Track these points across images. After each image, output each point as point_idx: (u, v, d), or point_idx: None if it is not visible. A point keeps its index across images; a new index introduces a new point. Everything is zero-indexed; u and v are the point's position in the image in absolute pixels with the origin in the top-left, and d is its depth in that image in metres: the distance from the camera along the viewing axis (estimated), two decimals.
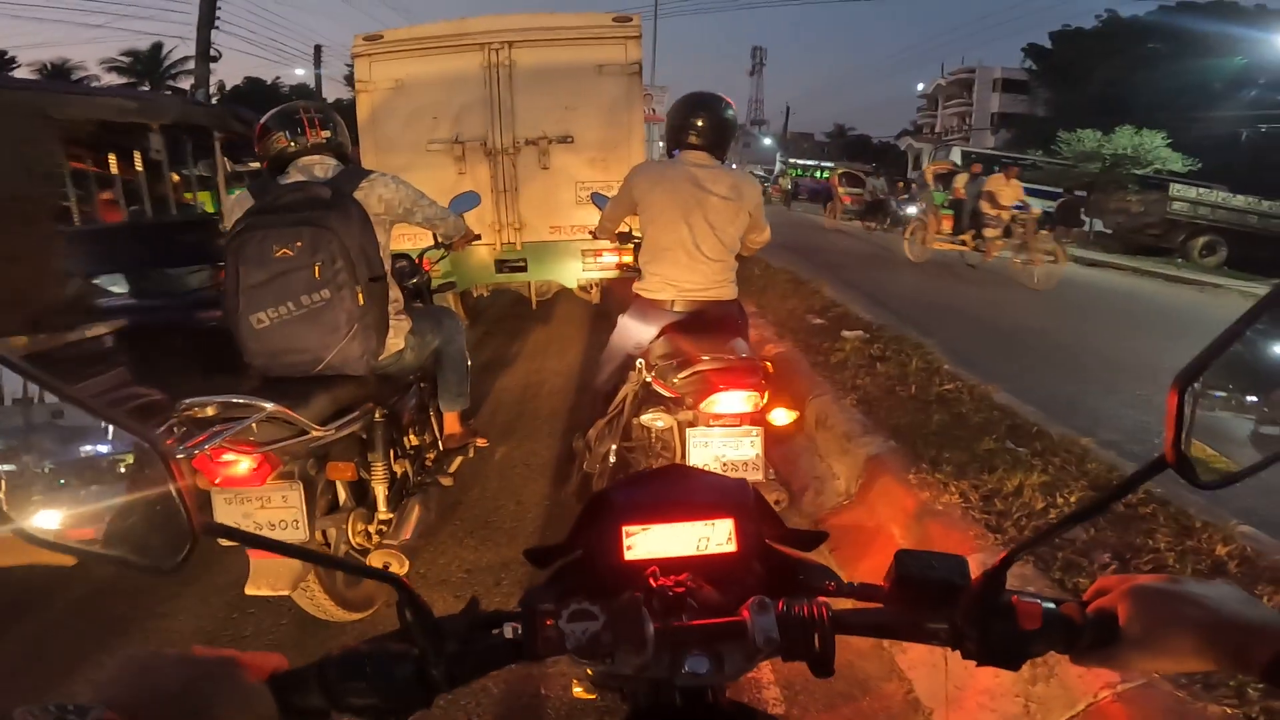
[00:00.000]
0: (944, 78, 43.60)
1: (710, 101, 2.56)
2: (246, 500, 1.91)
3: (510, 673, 1.98)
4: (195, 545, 0.49)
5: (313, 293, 2.04)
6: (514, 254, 5.18)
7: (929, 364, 3.86)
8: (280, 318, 2.05)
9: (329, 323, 2.08)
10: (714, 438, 2.14)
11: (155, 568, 0.51)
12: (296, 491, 1.91)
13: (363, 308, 2.12)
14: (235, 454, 1.82)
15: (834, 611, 0.62)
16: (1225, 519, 2.32)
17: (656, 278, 2.55)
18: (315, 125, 2.24)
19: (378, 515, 2.29)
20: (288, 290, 2.04)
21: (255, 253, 2.03)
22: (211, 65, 16.81)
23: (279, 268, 2.03)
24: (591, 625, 0.58)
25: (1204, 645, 0.53)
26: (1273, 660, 0.49)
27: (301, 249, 2.02)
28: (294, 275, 2.03)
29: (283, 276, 2.03)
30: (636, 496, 0.75)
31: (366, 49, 4.86)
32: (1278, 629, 0.51)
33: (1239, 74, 21.63)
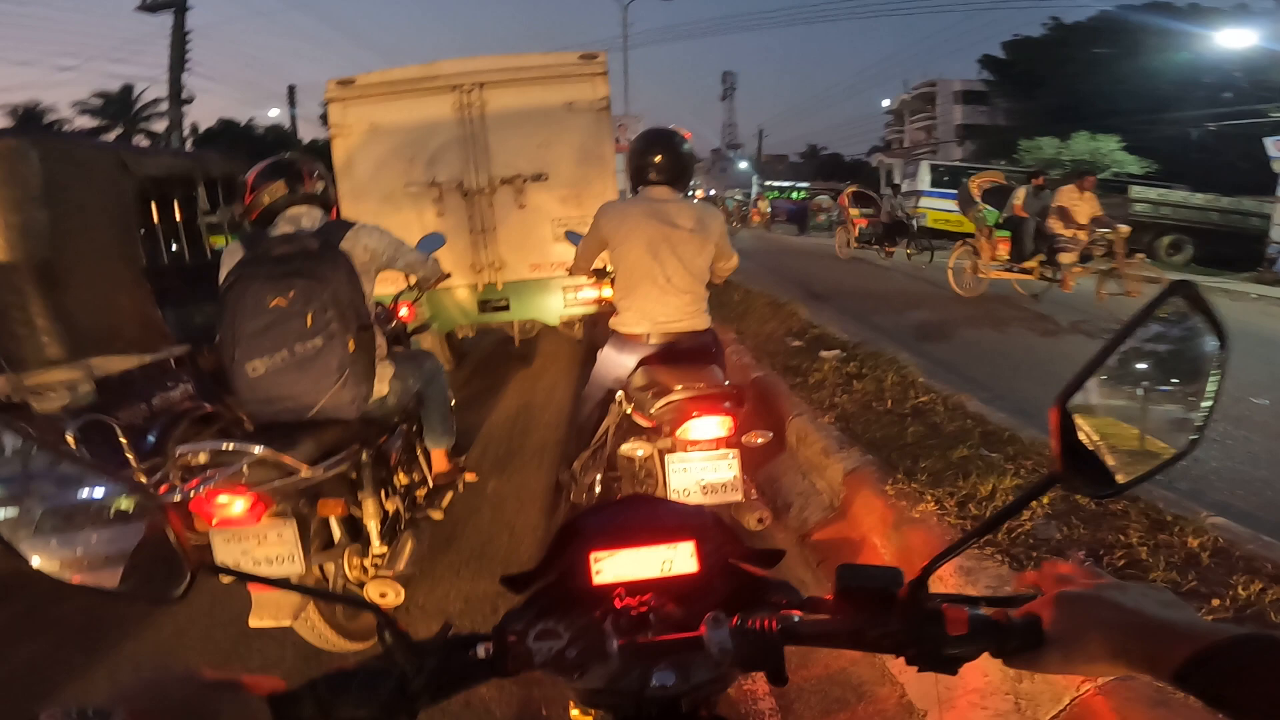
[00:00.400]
0: (907, 93, 44.33)
1: (666, 137, 2.67)
2: (243, 539, 1.98)
3: (514, 696, 2.08)
4: (193, 581, 0.57)
5: (306, 341, 2.14)
6: (496, 294, 5.22)
7: (904, 378, 3.96)
8: (275, 365, 2.14)
9: (321, 370, 2.17)
10: (693, 463, 2.21)
11: (159, 599, 0.59)
12: (290, 528, 1.99)
13: (353, 355, 2.20)
14: (230, 495, 1.92)
15: (785, 624, 0.67)
16: (1196, 512, 2.37)
17: (631, 312, 2.64)
18: (312, 176, 2.36)
19: (371, 550, 2.36)
20: (282, 339, 2.13)
21: (251, 302, 2.12)
22: (185, 107, 16.94)
23: (273, 317, 2.12)
24: (556, 643, 0.65)
25: (1118, 649, 0.54)
26: (1183, 664, 0.48)
27: (294, 299, 2.12)
28: (288, 324, 2.13)
29: (277, 325, 2.12)
30: (603, 524, 0.81)
31: (340, 93, 4.91)
32: (1189, 633, 0.50)
33: (1184, 73, 22.25)
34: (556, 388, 5.47)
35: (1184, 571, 2.00)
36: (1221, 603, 1.83)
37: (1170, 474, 2.66)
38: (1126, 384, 0.64)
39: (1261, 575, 1.96)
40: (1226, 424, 4.22)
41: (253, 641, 2.45)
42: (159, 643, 2.53)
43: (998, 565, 2.07)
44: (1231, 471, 3.55)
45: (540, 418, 4.86)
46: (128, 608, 2.55)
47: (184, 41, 16.10)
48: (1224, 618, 1.77)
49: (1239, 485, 3.39)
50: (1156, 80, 22.55)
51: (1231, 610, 1.81)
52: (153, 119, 30.04)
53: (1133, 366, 0.64)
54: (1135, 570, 2.03)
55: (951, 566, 2.09)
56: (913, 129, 43.53)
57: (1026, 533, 2.24)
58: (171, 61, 16.08)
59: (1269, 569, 1.99)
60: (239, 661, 2.41)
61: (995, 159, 24.03)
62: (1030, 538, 2.22)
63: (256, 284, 2.13)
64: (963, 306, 8.48)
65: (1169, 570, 2.01)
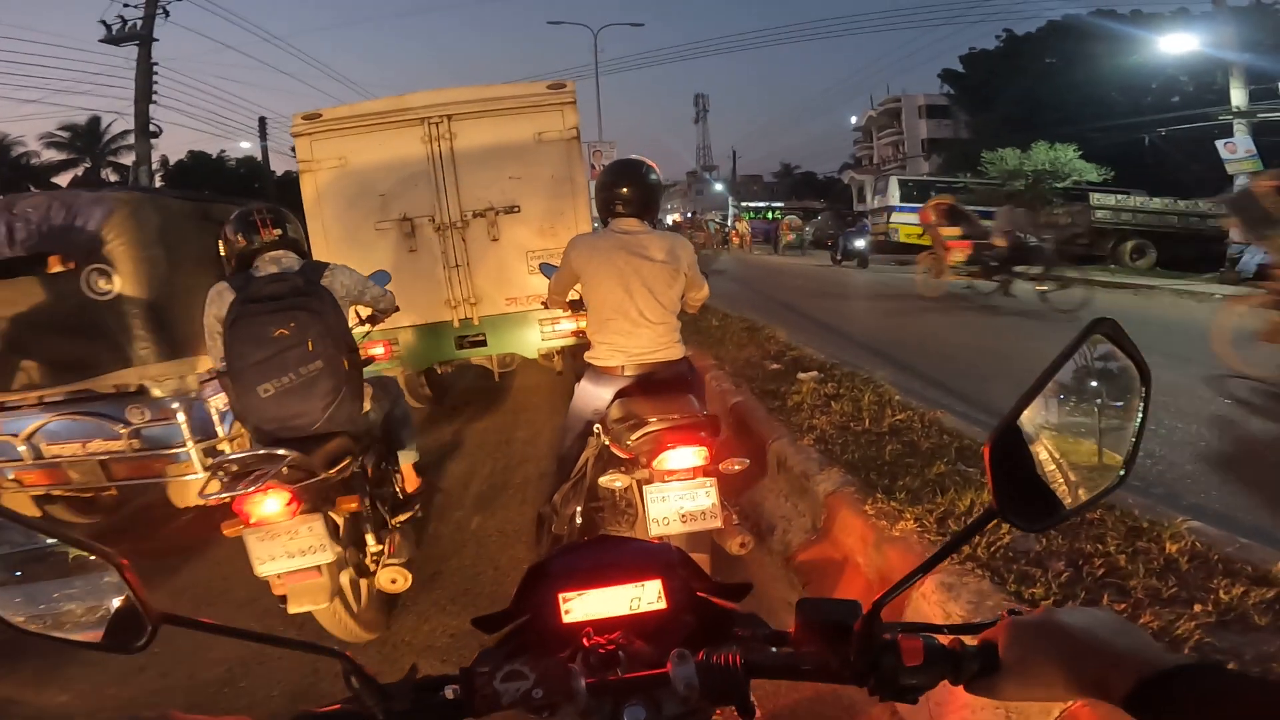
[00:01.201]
0: (874, 109, 45.31)
1: (632, 169, 2.68)
2: (276, 536, 2.28)
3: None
4: (155, 632, 0.59)
5: (308, 364, 2.47)
6: (472, 329, 5.15)
7: (880, 397, 4.00)
8: (283, 386, 2.46)
9: (323, 389, 2.50)
10: (671, 492, 2.22)
11: (123, 649, 0.60)
12: (319, 522, 2.31)
13: (348, 373, 2.56)
14: (274, 493, 2.24)
15: (749, 658, 0.68)
16: (1172, 517, 2.39)
17: (605, 345, 2.65)
18: (268, 225, 2.63)
19: (368, 547, 2.69)
20: (288, 364, 2.45)
21: (256, 334, 2.45)
22: (153, 140, 16.80)
23: (278, 345, 2.45)
24: (523, 684, 0.65)
25: (1070, 676, 0.55)
26: (1132, 691, 0.49)
27: (295, 328, 2.46)
28: (292, 351, 2.46)
29: (282, 353, 2.45)
30: (572, 564, 0.82)
31: (306, 128, 4.84)
32: (1138, 659, 0.51)
33: (1132, 80, 22.96)
34: (538, 422, 5.46)
35: (1163, 577, 2.02)
36: (1204, 607, 1.85)
37: (1144, 479, 2.71)
38: (1062, 417, 0.66)
39: (1241, 578, 1.98)
40: (1198, 425, 4.31)
41: (239, 681, 2.49)
42: (143, 684, 2.54)
43: (978, 580, 2.08)
44: (1204, 473, 3.61)
45: (523, 452, 4.84)
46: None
47: (150, 73, 15.98)
48: (1208, 623, 1.79)
49: (1212, 486, 3.45)
50: (1106, 88, 23.29)
51: (1214, 615, 1.82)
52: (120, 152, 29.85)
53: (1069, 398, 0.66)
54: (1115, 579, 2.05)
55: (933, 583, 2.10)
56: (881, 145, 44.43)
57: (1006, 546, 2.25)
58: (137, 94, 15.93)
59: (1248, 571, 2.02)
60: (230, 702, 2.41)
61: (960, 172, 24.58)
62: (1010, 551, 2.23)
63: (261, 318, 2.46)
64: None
65: (1149, 577, 2.02)
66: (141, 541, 3.97)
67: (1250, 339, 5.41)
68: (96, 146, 30.74)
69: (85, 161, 30.70)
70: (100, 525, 4.17)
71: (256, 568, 2.31)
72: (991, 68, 30.44)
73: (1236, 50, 13.67)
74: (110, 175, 30.28)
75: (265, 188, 25.35)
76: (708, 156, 62.11)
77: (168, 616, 0.60)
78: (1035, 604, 1.97)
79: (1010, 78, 27.90)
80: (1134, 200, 16.97)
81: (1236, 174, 13.60)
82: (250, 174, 30.29)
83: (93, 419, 3.51)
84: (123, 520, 4.28)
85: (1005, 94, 27.84)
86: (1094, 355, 0.65)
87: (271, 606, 2.47)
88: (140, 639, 0.60)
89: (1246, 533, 2.35)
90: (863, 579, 2.51)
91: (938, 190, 22.83)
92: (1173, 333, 7.42)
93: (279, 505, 2.26)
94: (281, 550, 2.28)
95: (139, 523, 4.24)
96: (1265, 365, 5.19)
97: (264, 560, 2.29)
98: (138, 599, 0.59)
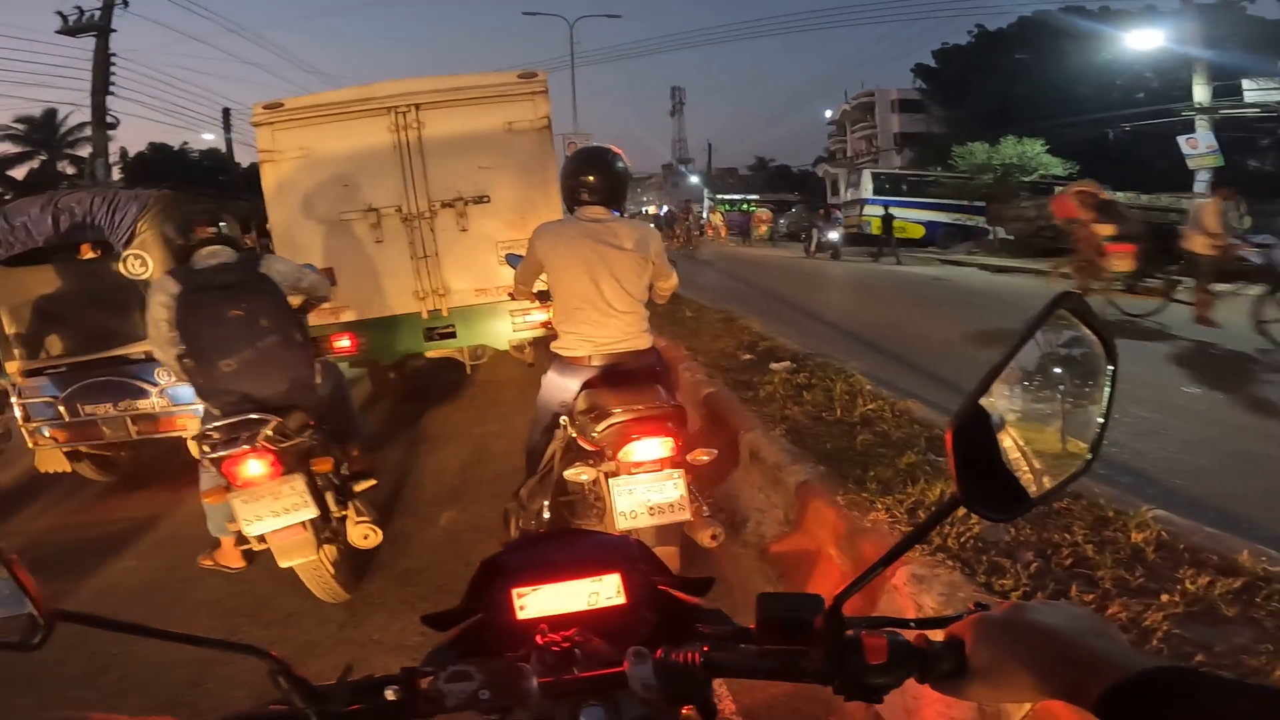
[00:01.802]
0: (848, 103, 45.63)
1: (599, 156, 2.63)
2: (261, 497, 2.49)
3: None
4: (50, 629, 0.56)
5: (264, 339, 2.72)
6: (441, 321, 5.07)
7: (852, 387, 4.00)
8: (243, 359, 2.69)
9: (281, 361, 2.76)
10: (638, 485, 2.20)
11: (19, 647, 0.57)
12: (301, 481, 2.54)
13: (301, 345, 2.85)
14: (257, 456, 2.49)
15: (711, 656, 0.64)
16: (1138, 505, 2.40)
17: (571, 335, 2.60)
18: (204, 224, 2.85)
19: (333, 513, 2.88)
20: (246, 339, 2.69)
21: (212, 316, 2.68)
22: (111, 132, 16.39)
23: (234, 324, 2.68)
24: (469, 685, 0.61)
25: (1038, 678, 0.53)
26: (1103, 695, 0.47)
27: (247, 309, 2.70)
28: (247, 328, 2.70)
29: (240, 330, 2.69)
30: (526, 559, 0.79)
31: (267, 117, 4.71)
32: (1109, 663, 0.49)
33: (1099, 76, 23.43)
34: (510, 415, 5.39)
35: (1130, 567, 2.03)
36: (1171, 598, 1.85)
37: (1111, 466, 2.73)
38: (1027, 400, 0.63)
39: (1207, 568, 1.99)
40: (1162, 414, 4.39)
41: (204, 683, 2.42)
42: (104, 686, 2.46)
43: (949, 571, 2.08)
44: (1169, 461, 3.68)
45: (494, 447, 4.78)
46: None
47: (108, 65, 15.56)
48: (1175, 614, 1.79)
49: (1177, 475, 3.51)
50: (1074, 83, 23.75)
51: (1182, 605, 1.82)
52: (78, 144, 29.09)
53: (1033, 381, 0.63)
54: (1083, 569, 2.06)
55: (905, 575, 2.09)
56: (855, 138, 44.76)
57: (975, 536, 2.25)
58: (94, 86, 15.54)
59: (1214, 561, 2.02)
60: (192, 704, 2.33)
61: (932, 165, 24.88)
62: (979, 541, 2.23)
63: (214, 303, 2.68)
64: None
65: (1116, 567, 2.03)
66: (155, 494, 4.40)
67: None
68: (53, 139, 29.88)
69: (42, 154, 29.83)
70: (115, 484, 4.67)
71: (245, 528, 2.51)
72: (963, 63, 30.81)
73: (1201, 47, 13.97)
74: (67, 168, 29.47)
75: (230, 180, 24.82)
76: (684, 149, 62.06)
77: (62, 613, 0.57)
78: (1006, 596, 1.97)
79: (981, 73, 28.32)
80: None
81: (1198, 168, 13.95)
82: (215, 166, 29.64)
83: (125, 380, 4.07)
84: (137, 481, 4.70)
85: (976, 89, 28.23)
86: (1058, 332, 0.62)
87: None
88: (34, 637, 0.56)
89: (1213, 521, 2.37)
90: (837, 571, 2.50)
91: (909, 184, 23.18)
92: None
93: (263, 467, 2.51)
94: (267, 510, 2.48)
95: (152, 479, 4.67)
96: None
97: (251, 520, 2.48)
98: (29, 596, 0.55)
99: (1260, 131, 21.69)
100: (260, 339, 2.70)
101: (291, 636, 2.68)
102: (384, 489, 4.12)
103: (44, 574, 3.30)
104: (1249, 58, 15.37)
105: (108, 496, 4.53)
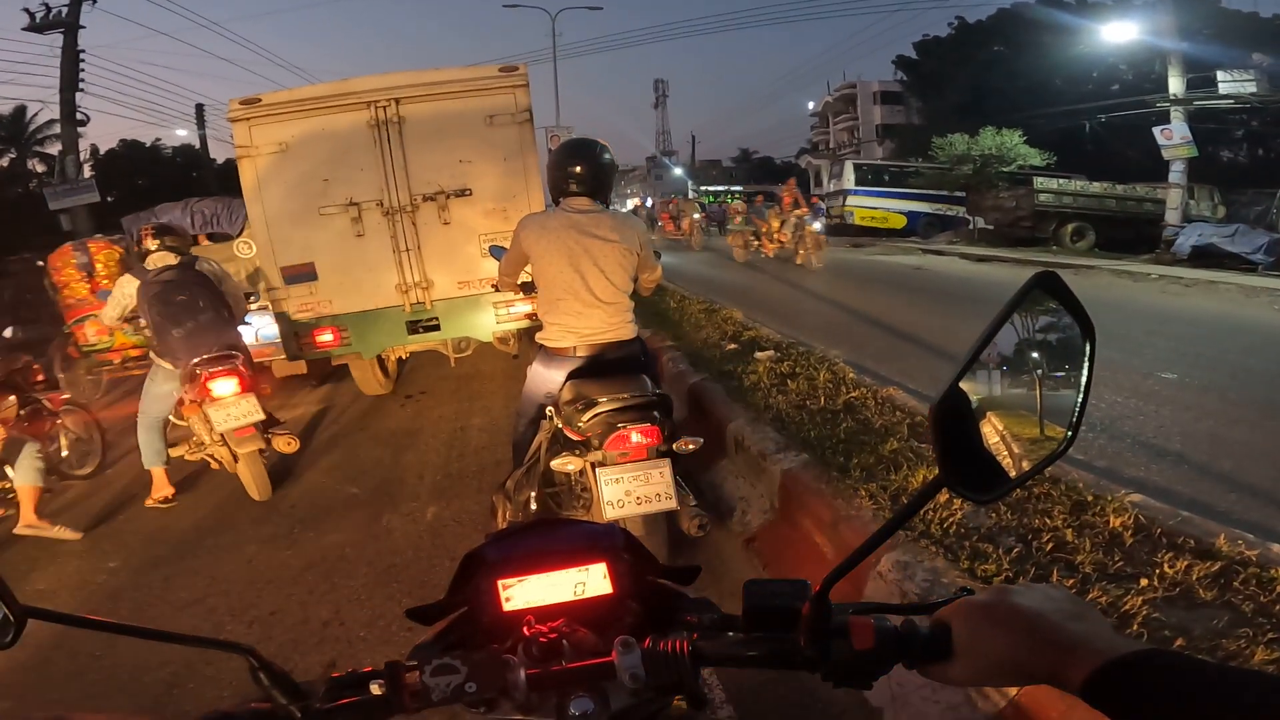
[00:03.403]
0: (830, 95, 45.71)
1: (585, 148, 2.63)
2: (227, 407, 3.78)
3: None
4: (22, 626, 0.55)
5: (202, 314, 3.95)
6: (425, 314, 5.10)
7: (835, 375, 4.02)
8: (188, 328, 3.89)
9: (215, 328, 3.97)
10: (624, 474, 2.20)
11: None
12: (253, 397, 3.87)
13: (226, 318, 4.09)
14: (233, 376, 3.81)
15: (698, 645, 0.64)
16: (1115, 490, 2.44)
17: (556, 326, 2.60)
18: (151, 238, 3.99)
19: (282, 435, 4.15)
20: (189, 314, 3.91)
21: (166, 299, 3.89)
22: (82, 129, 16.08)
23: (182, 305, 3.91)
24: (454, 678, 0.61)
25: (1023, 663, 0.53)
26: (1088, 679, 0.48)
27: (189, 294, 3.94)
28: (189, 307, 3.92)
29: (185, 308, 3.91)
30: (511, 549, 0.78)
31: (244, 113, 4.72)
32: (1091, 646, 0.49)
33: (1075, 68, 23.67)
34: (494, 408, 5.37)
35: (1109, 551, 2.06)
36: (1150, 582, 1.88)
37: (1087, 452, 2.76)
38: (1010, 371, 0.64)
39: (1185, 552, 2.02)
40: (1138, 400, 4.46)
41: (186, 684, 2.39)
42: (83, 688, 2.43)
43: (933, 557, 2.10)
44: (1145, 447, 3.74)
45: (478, 440, 4.75)
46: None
47: (76, 61, 15.29)
48: (1154, 598, 1.82)
49: (1154, 460, 3.56)
50: (1051, 75, 23.99)
51: (1161, 590, 1.85)
52: (47, 141, 28.43)
53: (1011, 365, 0.63)
54: (1063, 554, 2.09)
55: (889, 562, 2.11)
56: (837, 130, 44.83)
57: (958, 522, 2.28)
58: (63, 82, 15.26)
59: (1191, 545, 2.06)
60: (175, 705, 2.31)
61: (913, 156, 25.02)
62: (961, 527, 2.26)
63: (167, 291, 3.90)
64: None
65: (1095, 551, 2.06)
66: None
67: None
68: (22, 136, 29.20)
69: (11, 152, 29.15)
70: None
71: (218, 426, 3.77)
72: (943, 55, 30.98)
73: (1175, 39, 14.13)
74: (37, 165, 28.82)
75: (204, 177, 24.39)
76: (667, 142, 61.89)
77: (31, 610, 0.55)
78: (989, 582, 1.99)
79: (961, 65, 28.52)
80: (1075, 184, 17.50)
81: (1172, 159, 14.14)
82: (189, 163, 29.11)
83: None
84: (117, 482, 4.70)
85: (956, 81, 28.41)
86: (1035, 312, 0.62)
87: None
88: (5, 636, 0.55)
89: (1188, 505, 2.41)
90: (822, 558, 2.52)
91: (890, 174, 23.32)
92: (1109, 309, 7.68)
93: (234, 386, 3.80)
94: (232, 416, 3.78)
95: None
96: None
97: (222, 422, 3.77)
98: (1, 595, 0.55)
99: (1233, 123, 22.07)
100: (199, 314, 3.92)
101: (275, 635, 2.65)
102: (367, 485, 4.14)
103: (25, 575, 3.31)
104: (1223, 50, 15.56)
105: (89, 495, 4.47)
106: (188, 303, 3.87)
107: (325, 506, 3.89)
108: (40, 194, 17.45)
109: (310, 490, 4.18)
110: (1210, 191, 16.99)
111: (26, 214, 20.90)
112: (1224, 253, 11.55)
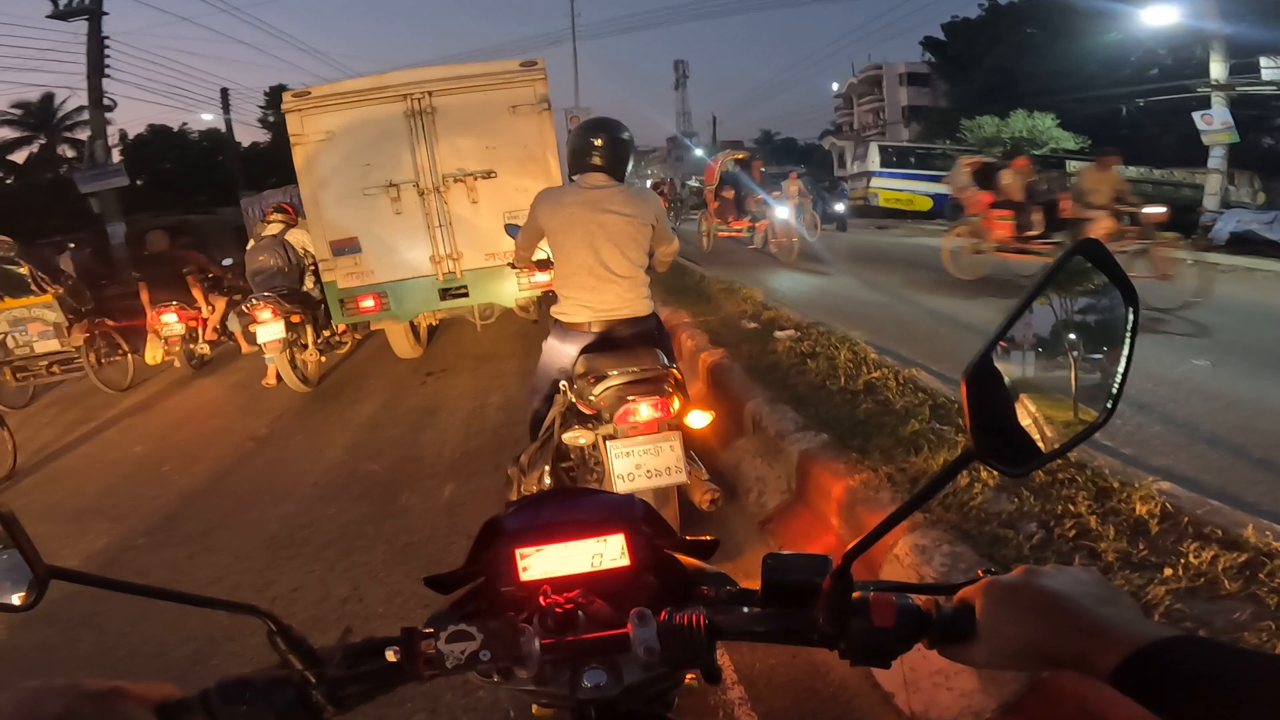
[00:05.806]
0: (855, 76, 44.92)
1: (605, 124, 2.65)
2: (265, 324, 5.49)
3: (479, 697, 2.05)
4: (44, 588, 0.55)
5: (273, 268, 6.13)
6: (455, 282, 5.78)
7: (856, 355, 3.97)
8: (264, 270, 6.12)
9: (283, 274, 6.12)
10: (635, 447, 2.20)
11: (12, 608, 0.56)
12: (282, 321, 5.57)
13: (288, 270, 6.18)
14: (271, 309, 5.55)
15: (715, 619, 0.63)
16: (1142, 477, 2.36)
17: (570, 301, 2.60)
18: (271, 211, 6.53)
19: (308, 341, 6.10)
20: (267, 262, 6.15)
21: (260, 252, 6.20)
22: (109, 115, 16.39)
23: (265, 260, 6.15)
24: (469, 645, 0.60)
25: (1049, 647, 0.51)
26: (1119, 666, 0.46)
27: (270, 254, 6.17)
28: (269, 261, 6.15)
29: (266, 262, 6.15)
30: (528, 519, 0.77)
31: (296, 105, 5.39)
32: (1122, 631, 0.48)
33: (1112, 53, 22.97)
34: (511, 387, 5.41)
35: (1134, 540, 2.00)
36: (1174, 572, 1.83)
37: (1114, 438, 2.67)
38: (1044, 351, 0.62)
39: (1211, 541, 1.95)
40: (1168, 387, 4.34)
41: (210, 660, 2.42)
42: (112, 664, 2.46)
43: (952, 542, 2.06)
44: (1174, 434, 3.64)
45: (497, 418, 4.79)
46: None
47: (101, 47, 15.56)
48: (1178, 588, 1.77)
49: (1182, 448, 3.47)
50: (1085, 59, 23.28)
51: (1185, 580, 1.80)
52: (76, 127, 28.89)
53: (1049, 331, 0.61)
54: (1086, 541, 2.03)
55: (906, 545, 2.08)
56: (861, 112, 44.06)
57: (977, 507, 2.24)
58: (89, 69, 15.54)
59: (1218, 535, 1.99)
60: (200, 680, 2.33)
61: (940, 139, 24.55)
62: (981, 512, 2.22)
63: (256, 250, 6.25)
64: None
65: (1119, 539, 2.01)
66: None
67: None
68: (51, 123, 29.72)
69: (40, 138, 29.68)
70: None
71: (257, 338, 5.55)
72: (972, 36, 30.22)
73: (1219, 22, 13.64)
74: (67, 151, 29.31)
75: (230, 161, 24.62)
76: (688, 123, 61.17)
77: (56, 571, 0.55)
78: (1009, 567, 1.95)
79: (990, 47, 27.77)
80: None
81: (1212, 144, 13.70)
82: (215, 146, 29.38)
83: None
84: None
85: (985, 63, 27.73)
86: (1075, 281, 0.60)
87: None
88: (31, 596, 0.55)
89: (1217, 494, 2.33)
90: (839, 541, 2.49)
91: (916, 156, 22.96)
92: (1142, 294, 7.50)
93: (269, 313, 5.49)
94: (265, 331, 5.50)
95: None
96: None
97: (259, 334, 5.51)
98: (24, 554, 0.54)
99: (1275, 110, 21.30)
100: (272, 269, 6.09)
101: (296, 611, 2.70)
102: (386, 462, 4.19)
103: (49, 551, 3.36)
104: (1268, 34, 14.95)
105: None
106: (268, 260, 6.08)
107: (345, 484, 3.95)
108: (69, 179, 17.77)
109: (331, 468, 4.24)
110: (1250, 178, 16.47)
111: (54, 198, 21.31)
112: (1262, 239, 11.23)
